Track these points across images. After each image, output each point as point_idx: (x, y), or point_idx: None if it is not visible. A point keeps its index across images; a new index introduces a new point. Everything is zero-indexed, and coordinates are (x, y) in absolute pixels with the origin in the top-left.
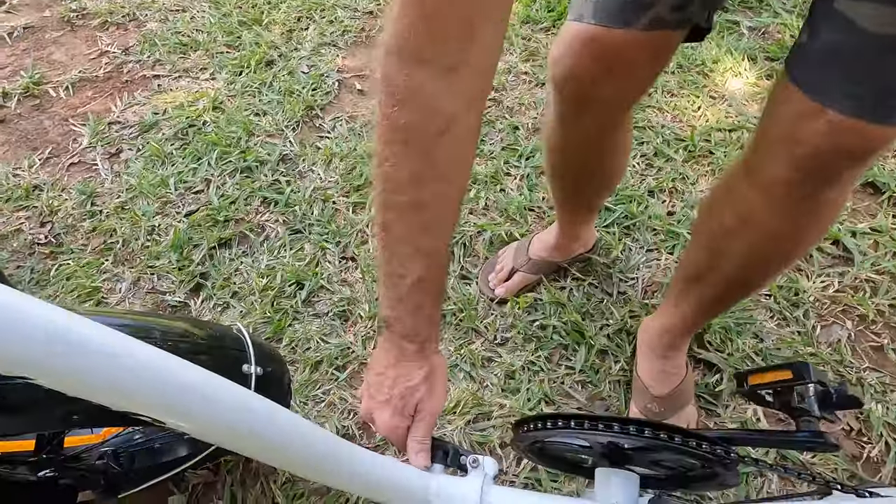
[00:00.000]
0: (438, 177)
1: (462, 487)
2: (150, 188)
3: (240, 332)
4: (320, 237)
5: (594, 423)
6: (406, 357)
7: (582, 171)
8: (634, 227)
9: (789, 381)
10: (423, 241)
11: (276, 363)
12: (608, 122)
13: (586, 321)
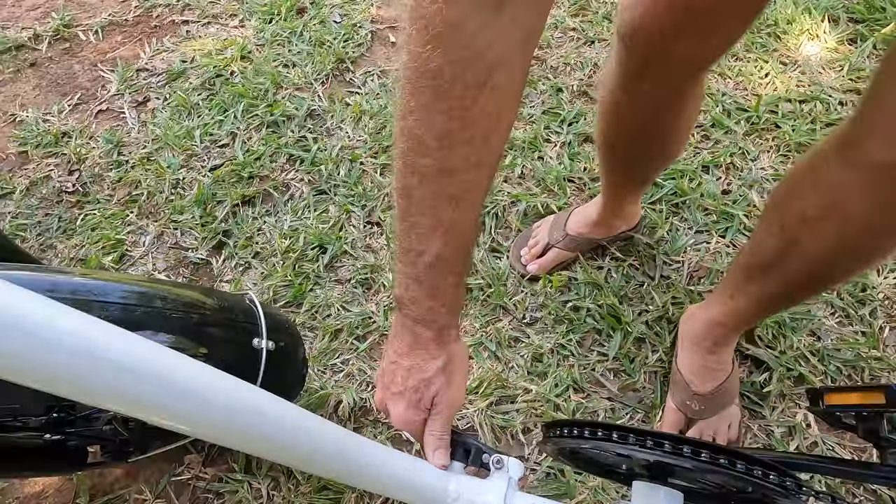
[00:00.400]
0: (472, 138)
1: (485, 492)
2: (175, 140)
3: (252, 303)
4: (346, 199)
5: (641, 438)
6: (421, 345)
7: (638, 141)
8: (684, 206)
9: (881, 406)
10: (447, 213)
11: (289, 336)
12: (677, 86)
13: (624, 305)
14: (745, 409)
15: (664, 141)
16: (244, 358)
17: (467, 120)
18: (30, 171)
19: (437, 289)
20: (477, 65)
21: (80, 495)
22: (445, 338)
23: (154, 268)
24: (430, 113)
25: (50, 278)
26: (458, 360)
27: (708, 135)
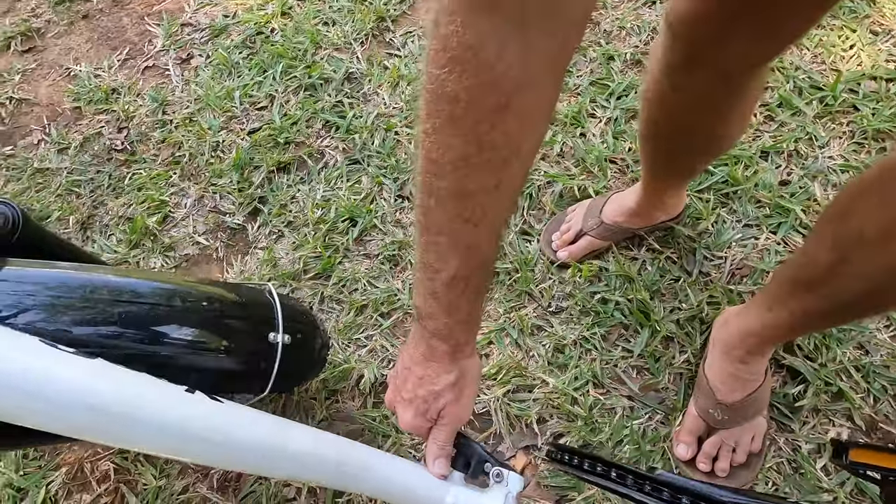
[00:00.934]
0: (490, 161)
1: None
2: (216, 101)
3: (270, 295)
4: (378, 171)
5: (640, 482)
6: (434, 357)
7: (683, 135)
8: (734, 196)
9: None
10: (465, 234)
11: (307, 328)
12: (729, 81)
13: (655, 301)
14: (774, 420)
15: (711, 138)
16: (260, 352)
17: (485, 144)
18: (83, 127)
19: (454, 306)
20: (496, 89)
21: None
22: (459, 354)
23: (194, 230)
24: (446, 137)
25: (86, 277)
26: (470, 377)
27: (773, 115)
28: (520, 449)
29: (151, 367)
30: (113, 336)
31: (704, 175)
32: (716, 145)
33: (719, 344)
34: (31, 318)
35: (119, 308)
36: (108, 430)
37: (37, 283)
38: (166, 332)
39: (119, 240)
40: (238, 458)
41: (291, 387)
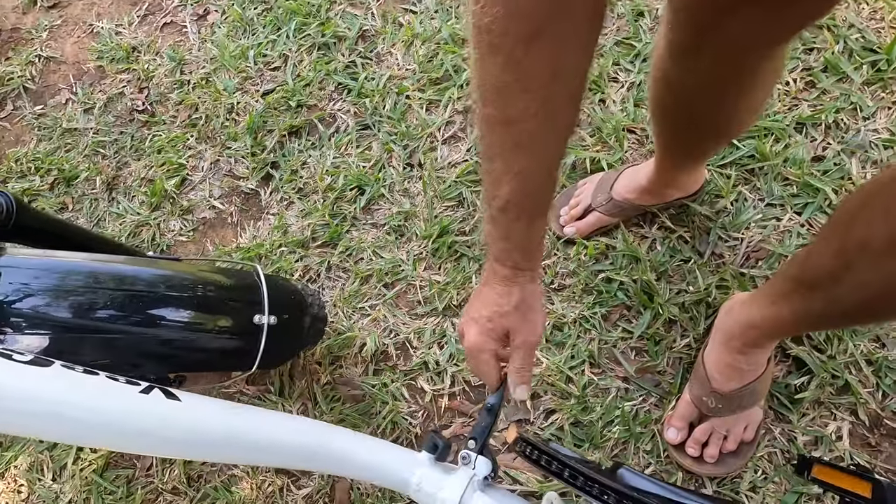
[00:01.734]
0: (529, 88)
1: (444, 486)
2: (231, 60)
3: (258, 277)
4: (389, 137)
5: (590, 485)
6: (496, 279)
7: (691, 120)
8: (760, 172)
9: (864, 499)
10: (515, 160)
11: (294, 309)
12: (739, 65)
13: (661, 282)
14: (772, 410)
15: (721, 122)
16: (247, 333)
17: (521, 71)
18: (107, 86)
19: (509, 231)
20: (526, 18)
21: None
22: (521, 276)
23: (210, 194)
24: (487, 65)
25: (90, 266)
26: (531, 300)
27: (815, 81)
28: (512, 422)
29: (141, 347)
30: (106, 319)
31: (729, 148)
32: (726, 130)
33: (720, 333)
34: (34, 302)
35: (111, 293)
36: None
37: (36, 269)
38: (159, 315)
39: (141, 202)
40: (203, 450)
41: (280, 363)
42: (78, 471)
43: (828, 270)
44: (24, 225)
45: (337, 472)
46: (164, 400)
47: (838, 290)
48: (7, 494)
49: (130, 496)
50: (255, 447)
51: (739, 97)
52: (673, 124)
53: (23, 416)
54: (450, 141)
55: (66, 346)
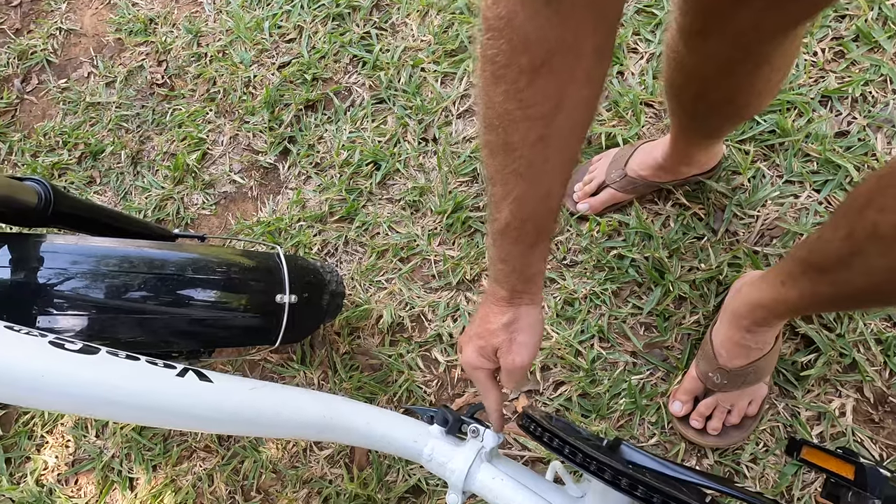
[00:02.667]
0: (531, 117)
1: (454, 457)
2: (246, 32)
3: (279, 259)
4: (404, 111)
5: (588, 461)
6: (493, 299)
7: (703, 101)
8: (780, 148)
9: (847, 480)
10: (513, 185)
11: (313, 288)
12: (749, 52)
13: (673, 260)
14: (777, 385)
15: (734, 103)
16: (270, 311)
17: (523, 101)
18: (126, 59)
19: (508, 254)
20: (528, 52)
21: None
22: (517, 299)
23: (230, 169)
24: (490, 93)
25: (123, 251)
26: (525, 323)
27: (844, 51)
28: (522, 392)
29: (172, 326)
30: (139, 300)
31: (749, 123)
32: (741, 110)
33: (729, 311)
34: (74, 285)
35: (143, 276)
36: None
37: (74, 254)
38: (189, 296)
39: (164, 176)
40: (233, 427)
41: (301, 339)
42: (118, 429)
43: (837, 254)
44: (61, 211)
45: (354, 443)
46: (198, 382)
47: (846, 274)
48: (56, 448)
49: (167, 453)
50: (278, 423)
51: (754, 80)
52: (687, 105)
53: (74, 399)
54: (465, 115)
55: (104, 326)
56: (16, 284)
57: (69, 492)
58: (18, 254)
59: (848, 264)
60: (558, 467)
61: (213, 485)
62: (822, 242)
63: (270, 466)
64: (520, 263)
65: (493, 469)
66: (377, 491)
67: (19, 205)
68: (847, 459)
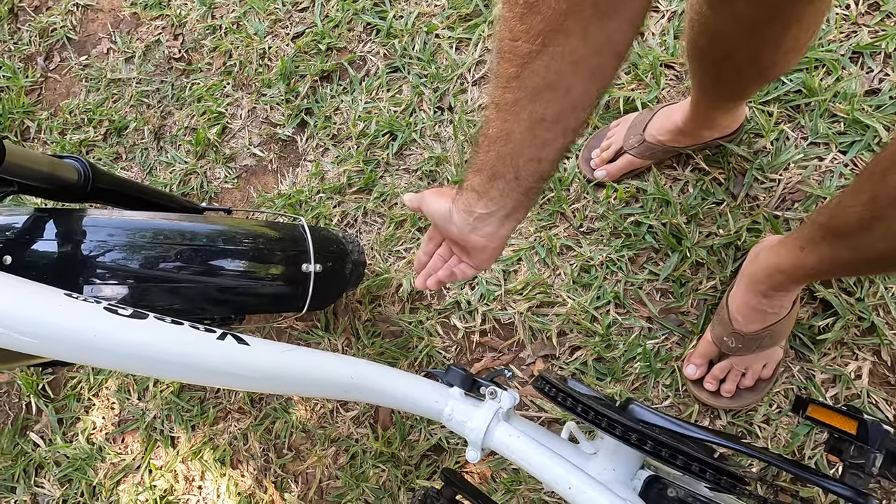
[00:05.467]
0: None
1: (472, 418)
2: (259, 2)
3: (303, 230)
4: (419, 79)
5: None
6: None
7: (728, 62)
8: (806, 109)
9: (850, 435)
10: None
11: (337, 257)
12: (777, 9)
13: (691, 225)
14: (793, 349)
15: (760, 64)
16: (296, 279)
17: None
18: (143, 34)
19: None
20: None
21: None
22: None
23: (250, 142)
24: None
25: (158, 224)
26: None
27: (879, 3)
28: (539, 356)
29: (204, 294)
30: (173, 270)
31: (774, 83)
32: (766, 72)
33: (746, 276)
34: (114, 256)
35: (177, 247)
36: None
37: (113, 228)
38: (220, 266)
39: (187, 150)
40: (267, 384)
41: (326, 306)
42: (158, 392)
43: (858, 219)
44: (98, 187)
45: (379, 402)
46: (236, 345)
47: (867, 238)
48: (102, 410)
49: (204, 414)
50: (308, 382)
51: (781, 41)
52: (710, 67)
53: (127, 358)
54: (480, 82)
55: (143, 294)
56: (63, 256)
57: (117, 449)
58: (63, 227)
59: (870, 229)
60: (573, 427)
61: (247, 443)
62: (842, 207)
63: (300, 426)
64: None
65: (509, 427)
66: (401, 449)
67: (62, 181)
68: (850, 415)
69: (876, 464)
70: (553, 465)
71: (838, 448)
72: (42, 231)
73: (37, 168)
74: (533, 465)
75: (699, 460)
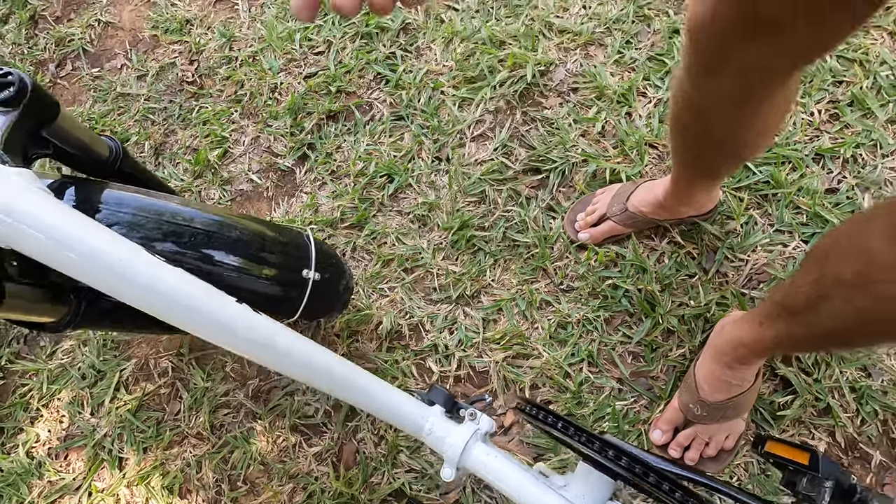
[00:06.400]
0: None
1: (451, 434)
2: (278, 41)
3: (307, 239)
4: (421, 130)
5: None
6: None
7: (707, 138)
8: (773, 198)
9: (803, 466)
10: None
11: (335, 270)
12: (754, 88)
13: (664, 294)
14: (755, 423)
15: (737, 143)
16: (295, 283)
17: None
18: (159, 55)
19: None
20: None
21: (183, 346)
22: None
23: (249, 168)
24: None
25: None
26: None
27: (839, 114)
28: (511, 408)
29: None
30: (192, 250)
31: (745, 172)
32: (740, 151)
33: (712, 348)
34: (122, 231)
35: (194, 231)
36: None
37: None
38: (227, 255)
39: (185, 169)
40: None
41: (317, 317)
42: (114, 409)
43: (806, 298)
44: (123, 169)
45: (362, 405)
46: (251, 312)
47: (815, 317)
48: (49, 422)
49: (159, 436)
50: (309, 366)
51: (754, 119)
52: (690, 142)
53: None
54: (478, 139)
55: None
56: None
57: (58, 466)
58: (83, 195)
59: (816, 307)
60: (541, 467)
61: (201, 471)
62: (794, 287)
63: (259, 458)
64: None
65: (487, 447)
66: (361, 491)
67: (95, 155)
68: (804, 448)
69: (826, 497)
70: (529, 486)
71: (792, 481)
72: (62, 195)
73: (79, 137)
74: (510, 485)
75: (670, 480)
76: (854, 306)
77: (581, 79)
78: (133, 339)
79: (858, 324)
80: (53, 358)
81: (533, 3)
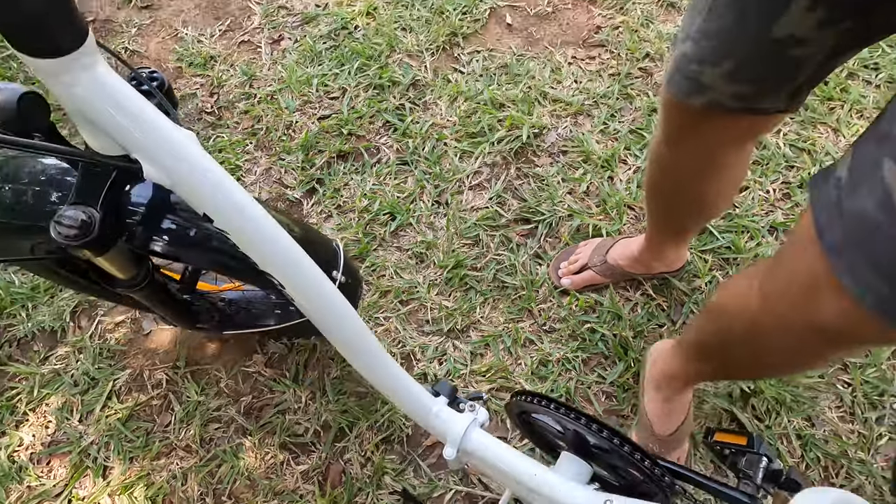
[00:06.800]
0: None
1: (454, 420)
2: (296, 84)
3: (337, 246)
4: (423, 175)
5: (577, 415)
6: None
7: (676, 197)
8: (734, 262)
9: (742, 447)
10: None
11: (355, 279)
12: (713, 155)
13: (637, 340)
14: (712, 462)
15: (701, 202)
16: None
17: None
18: (181, 86)
19: None
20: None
21: (180, 359)
22: None
23: (258, 196)
24: None
25: None
26: None
27: (790, 194)
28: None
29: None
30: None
31: (709, 237)
32: (703, 211)
33: (652, 382)
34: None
35: None
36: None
37: None
38: None
39: None
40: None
41: None
42: (104, 417)
43: (708, 341)
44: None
45: (374, 378)
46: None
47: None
48: (35, 427)
49: (147, 447)
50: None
51: (713, 182)
52: (661, 199)
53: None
54: (475, 188)
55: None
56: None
57: (39, 471)
58: None
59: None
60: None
61: (186, 483)
62: (700, 327)
63: (246, 474)
64: None
65: (484, 433)
66: None
67: None
68: (742, 433)
69: (760, 474)
70: (522, 461)
71: (735, 462)
72: None
73: None
74: (505, 461)
75: (643, 453)
76: (746, 353)
77: (570, 143)
78: (129, 350)
79: (757, 367)
80: (46, 363)
81: (531, 73)
